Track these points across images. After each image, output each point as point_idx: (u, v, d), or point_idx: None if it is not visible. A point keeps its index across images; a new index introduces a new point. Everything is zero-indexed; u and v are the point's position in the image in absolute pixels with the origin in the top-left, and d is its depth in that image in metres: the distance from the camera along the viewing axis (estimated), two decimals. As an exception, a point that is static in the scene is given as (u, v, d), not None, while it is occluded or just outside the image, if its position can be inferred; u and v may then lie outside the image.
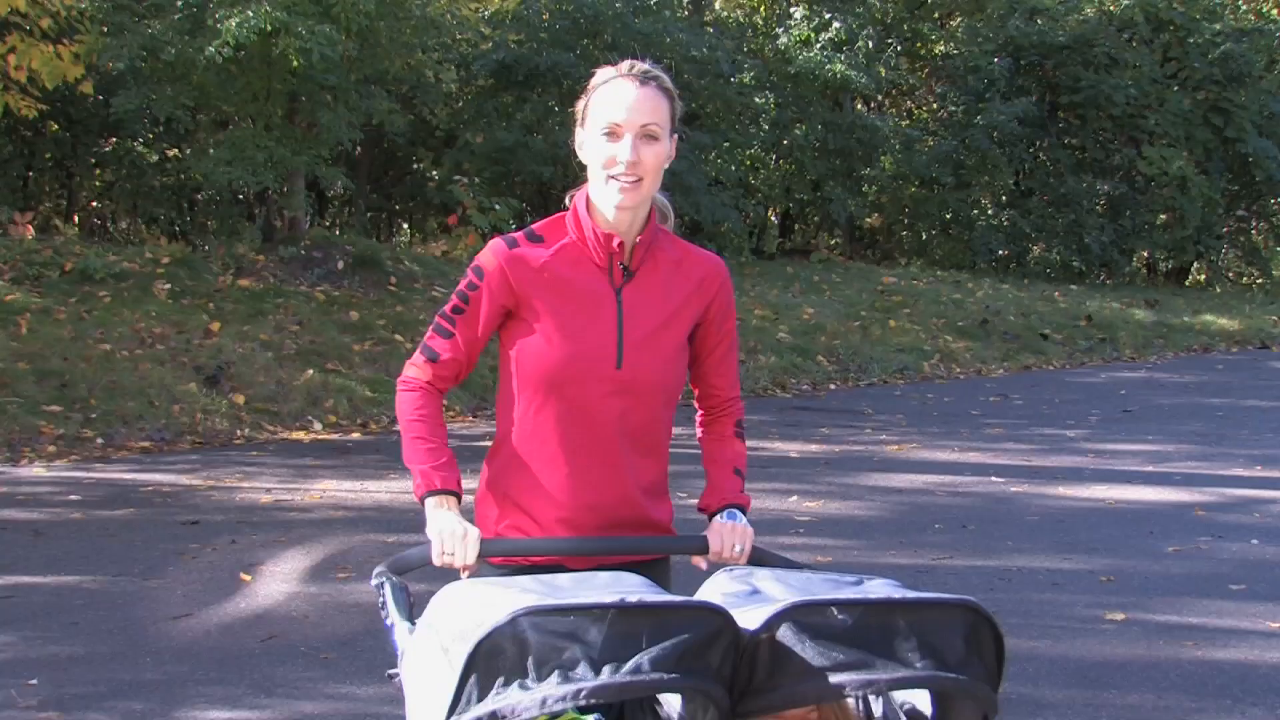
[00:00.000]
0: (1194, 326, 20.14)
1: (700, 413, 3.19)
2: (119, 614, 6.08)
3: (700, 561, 3.04)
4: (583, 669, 2.16)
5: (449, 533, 2.84)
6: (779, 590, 2.48)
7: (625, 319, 2.94)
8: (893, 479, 9.49)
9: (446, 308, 2.99)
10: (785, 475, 9.50)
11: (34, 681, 5.17)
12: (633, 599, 2.24)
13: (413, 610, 2.72)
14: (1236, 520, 8.24)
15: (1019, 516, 8.35)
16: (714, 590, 2.58)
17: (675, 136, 2.97)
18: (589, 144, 2.91)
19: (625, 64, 2.95)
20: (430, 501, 2.88)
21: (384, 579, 2.81)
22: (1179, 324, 20.09)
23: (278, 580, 6.65)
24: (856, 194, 23.25)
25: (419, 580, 2.90)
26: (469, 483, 2.88)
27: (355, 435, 11.00)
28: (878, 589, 2.43)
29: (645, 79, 2.91)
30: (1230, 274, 27.43)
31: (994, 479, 9.50)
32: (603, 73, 2.95)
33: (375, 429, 11.21)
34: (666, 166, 2.96)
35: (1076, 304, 20.35)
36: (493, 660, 2.17)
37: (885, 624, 2.30)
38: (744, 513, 3.05)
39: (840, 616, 2.29)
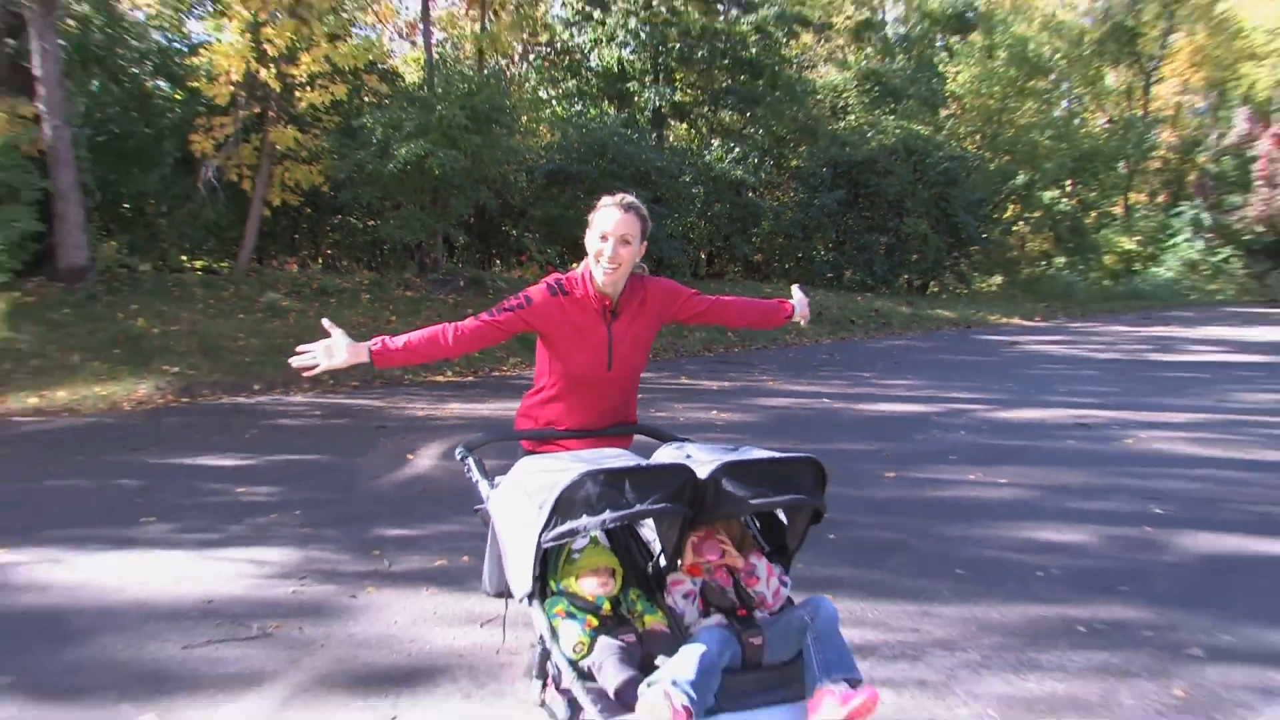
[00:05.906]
0: (933, 316, 20.12)
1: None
2: (341, 477, 6.05)
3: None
4: (624, 503, 2.15)
5: (323, 345, 2.80)
6: (703, 455, 2.44)
7: (614, 342, 2.81)
8: (770, 401, 9.46)
9: (504, 303, 2.81)
10: (708, 399, 9.46)
11: (298, 513, 5.16)
12: (644, 463, 2.22)
13: (488, 474, 2.61)
14: (952, 421, 8.26)
15: (840, 421, 8.34)
16: (665, 456, 2.50)
17: (645, 243, 2.77)
18: (590, 238, 2.76)
19: (618, 195, 2.77)
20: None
21: (467, 454, 2.73)
22: (925, 314, 20.08)
23: (428, 458, 6.61)
24: (749, 243, 23.11)
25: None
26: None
27: (469, 378, 10.90)
28: (758, 452, 2.40)
29: (627, 208, 2.73)
30: (951, 288, 27.40)
31: (825, 401, 9.49)
32: (605, 199, 2.77)
33: (480, 374, 11.11)
34: (639, 260, 2.77)
35: (869, 304, 20.34)
36: (569, 501, 2.14)
37: (773, 471, 2.31)
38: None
39: (752, 468, 2.29)
